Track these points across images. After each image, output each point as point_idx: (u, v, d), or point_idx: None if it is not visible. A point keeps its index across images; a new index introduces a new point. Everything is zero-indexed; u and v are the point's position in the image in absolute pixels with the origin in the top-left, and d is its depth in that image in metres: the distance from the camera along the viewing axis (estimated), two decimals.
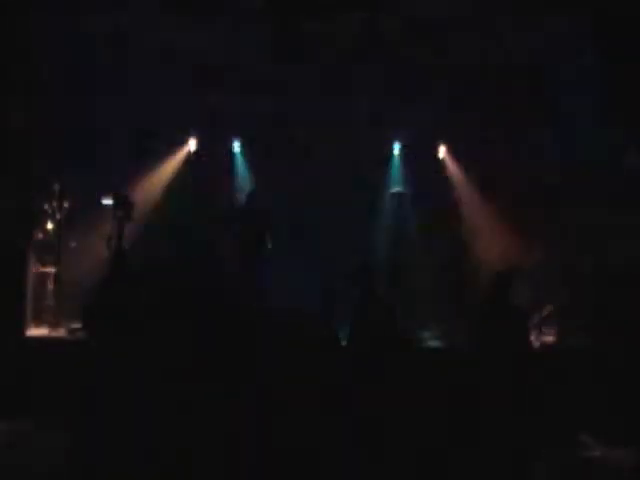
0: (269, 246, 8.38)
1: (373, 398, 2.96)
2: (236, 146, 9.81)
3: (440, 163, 9.84)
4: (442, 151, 9.89)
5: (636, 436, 4.31)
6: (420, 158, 9.63)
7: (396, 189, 9.56)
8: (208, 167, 9.55)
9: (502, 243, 8.59)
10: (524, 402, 3.83)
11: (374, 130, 9.43)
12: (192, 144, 9.71)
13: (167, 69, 8.74)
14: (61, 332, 7.28)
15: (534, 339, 7.33)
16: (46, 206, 7.76)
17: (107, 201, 7.23)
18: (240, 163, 9.84)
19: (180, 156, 9.76)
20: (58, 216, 7.76)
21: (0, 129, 7.36)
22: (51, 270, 7.74)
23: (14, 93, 7.52)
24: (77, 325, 7.07)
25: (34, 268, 7.60)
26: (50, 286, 7.70)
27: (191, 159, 9.74)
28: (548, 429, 3.68)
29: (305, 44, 8.01)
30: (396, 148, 9.87)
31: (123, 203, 7.07)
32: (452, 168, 9.83)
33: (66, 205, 7.77)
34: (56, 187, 7.76)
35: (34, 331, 7.26)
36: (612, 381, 5.45)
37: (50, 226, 7.83)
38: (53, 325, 7.38)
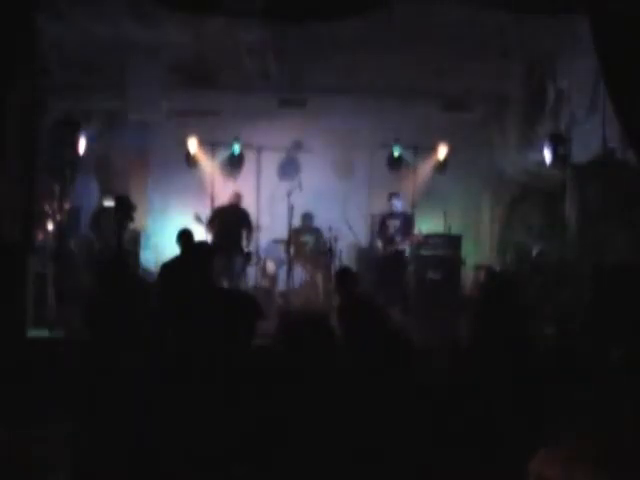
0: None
1: (370, 397, 2.96)
2: (236, 147, 9.79)
3: None
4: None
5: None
6: None
7: None
8: None
9: None
10: (523, 402, 3.84)
11: None
12: (192, 144, 9.70)
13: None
14: (61, 332, 7.27)
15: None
16: (46, 206, 7.76)
17: (109, 203, 7.25)
18: None
19: None
20: (58, 217, 7.76)
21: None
22: (51, 270, 7.74)
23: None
24: (78, 325, 7.07)
25: (34, 268, 7.60)
26: (50, 286, 7.70)
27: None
28: (548, 429, 3.69)
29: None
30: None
31: (124, 205, 7.08)
32: None
33: (66, 206, 7.78)
34: (56, 187, 7.76)
35: (34, 332, 7.25)
36: (612, 381, 5.44)
37: (50, 226, 7.83)
38: (53, 326, 7.38)
